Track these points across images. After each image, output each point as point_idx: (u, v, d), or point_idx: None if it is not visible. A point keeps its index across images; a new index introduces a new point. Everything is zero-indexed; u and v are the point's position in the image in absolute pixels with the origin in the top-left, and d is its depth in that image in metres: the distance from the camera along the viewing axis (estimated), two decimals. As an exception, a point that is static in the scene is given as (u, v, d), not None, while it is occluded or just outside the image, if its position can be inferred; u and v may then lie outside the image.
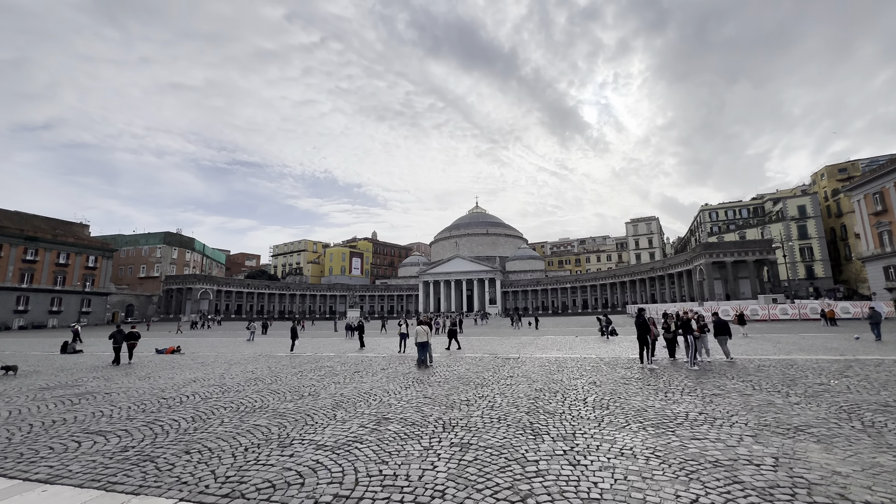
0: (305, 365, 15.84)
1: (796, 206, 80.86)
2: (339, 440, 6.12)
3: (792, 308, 46.82)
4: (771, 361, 13.74)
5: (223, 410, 8.33)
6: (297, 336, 22.14)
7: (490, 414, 7.54)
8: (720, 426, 6.50)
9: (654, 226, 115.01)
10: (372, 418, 7.40)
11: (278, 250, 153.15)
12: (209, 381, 12.31)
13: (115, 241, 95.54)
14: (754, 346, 19.08)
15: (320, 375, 12.98)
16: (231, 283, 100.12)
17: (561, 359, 15.92)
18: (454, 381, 11.36)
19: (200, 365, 16.72)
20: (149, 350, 24.54)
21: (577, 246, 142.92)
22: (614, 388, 9.75)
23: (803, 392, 8.86)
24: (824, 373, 11.25)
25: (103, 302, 79.56)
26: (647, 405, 7.99)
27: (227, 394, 10.19)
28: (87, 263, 77.12)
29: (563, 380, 11.14)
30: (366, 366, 15.17)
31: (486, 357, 17.19)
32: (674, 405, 7.94)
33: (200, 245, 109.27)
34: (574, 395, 9.16)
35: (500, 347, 21.78)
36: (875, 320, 20.53)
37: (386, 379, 12.00)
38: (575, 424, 6.76)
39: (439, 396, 9.25)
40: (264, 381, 11.93)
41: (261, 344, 28.48)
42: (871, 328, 20.77)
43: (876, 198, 54.91)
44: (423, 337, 14.53)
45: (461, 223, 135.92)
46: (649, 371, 12.38)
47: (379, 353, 19.85)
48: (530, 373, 12.54)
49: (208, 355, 20.94)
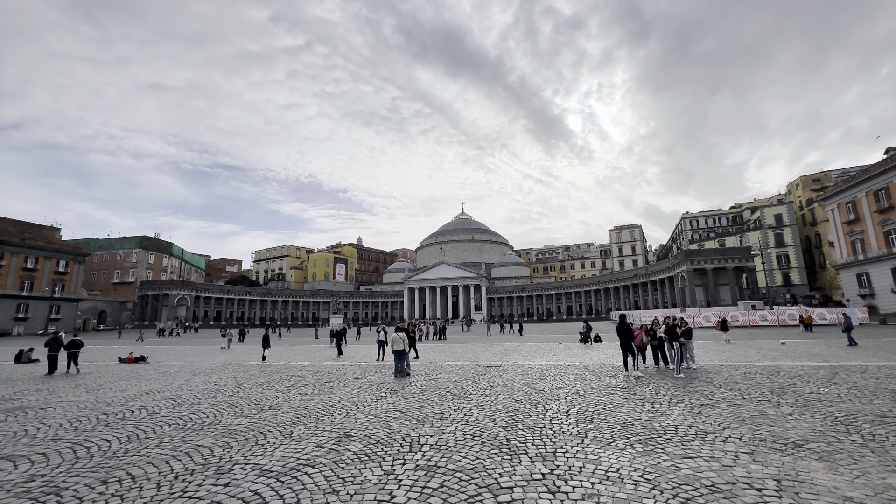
0: (275, 374, 14.89)
1: (773, 215, 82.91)
2: (288, 464, 5.35)
3: (771, 314, 47.49)
4: (757, 368, 13.40)
5: (167, 428, 7.44)
6: (268, 344, 21.07)
7: (464, 430, 6.85)
8: (713, 441, 5.95)
9: (636, 233, 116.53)
10: (332, 436, 6.63)
11: (260, 256, 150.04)
12: (164, 393, 11.30)
13: (88, 246, 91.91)
14: (738, 353, 18.85)
15: (288, 386, 12.09)
16: (210, 289, 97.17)
17: (544, 367, 15.34)
18: (430, 391, 10.64)
19: (161, 375, 15.59)
20: (112, 359, 23.14)
21: (561, 253, 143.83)
22: (598, 399, 9.18)
23: (794, 401, 8.43)
24: (812, 380, 10.92)
25: (74, 308, 76.10)
26: (634, 417, 7.42)
27: (178, 408, 9.25)
28: (58, 268, 73.78)
29: (545, 389, 10.53)
30: (339, 375, 14.32)
31: (468, 365, 16.51)
32: (662, 417, 7.39)
33: (179, 250, 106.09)
34: (556, 406, 8.54)
35: (482, 355, 21.12)
36: (847, 326, 20.83)
37: (357, 390, 11.20)
38: (556, 441, 6.12)
39: (411, 409, 8.52)
40: (225, 393, 11.00)
41: (235, 352, 27.20)
42: (845, 334, 21.03)
43: (849, 207, 56.42)
44: (399, 345, 13.77)
45: (447, 229, 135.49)
46: (634, 379, 11.88)
47: (356, 362, 18.98)
48: (511, 382, 11.90)
49: (174, 364, 19.72)
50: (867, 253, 52.54)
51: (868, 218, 52.24)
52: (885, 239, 49.67)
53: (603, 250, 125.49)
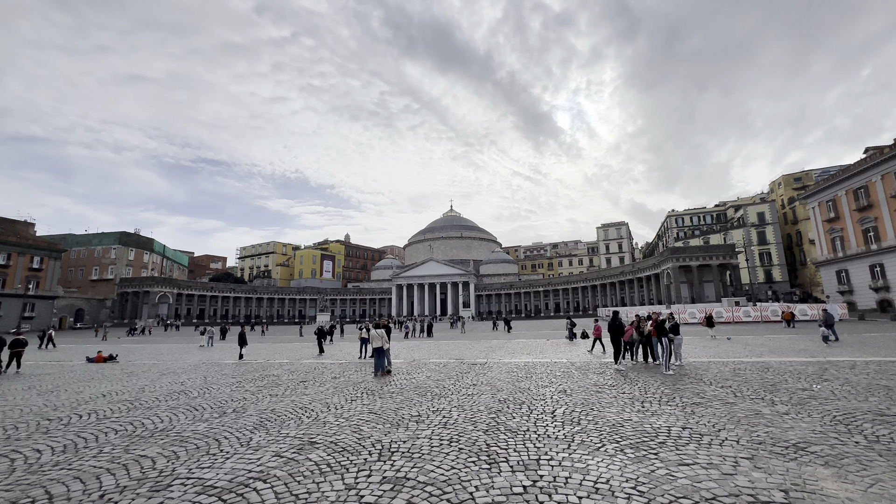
0: (249, 374, 14.13)
1: (756, 213, 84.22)
2: (236, 477, 4.71)
3: (754, 311, 48.08)
4: (745, 364, 13.14)
5: (112, 435, 6.71)
6: (245, 342, 20.21)
7: (441, 434, 6.28)
8: (709, 445, 5.49)
9: (623, 231, 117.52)
10: (295, 443, 6.00)
11: (245, 252, 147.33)
12: (122, 395, 10.49)
13: (64, 241, 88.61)
14: (725, 349, 18.69)
15: (259, 386, 11.38)
16: (193, 287, 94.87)
17: (530, 364, 14.88)
18: (410, 391, 10.05)
19: (127, 375, 14.70)
20: (81, 358, 22.02)
21: (549, 250, 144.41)
22: (586, 398, 8.71)
23: (789, 399, 8.07)
24: (803, 376, 10.64)
25: (49, 306, 73.35)
26: (624, 418, 6.94)
27: (132, 412, 8.49)
28: (32, 264, 70.92)
29: (530, 388, 10.03)
30: (317, 374, 13.63)
31: (452, 363, 15.96)
32: (653, 418, 6.93)
33: (160, 246, 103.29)
34: (541, 406, 8.03)
35: (468, 352, 20.61)
36: (828, 322, 20.72)
37: (333, 390, 10.55)
38: (540, 446, 5.59)
39: (387, 411, 7.92)
40: (189, 395, 10.25)
41: (214, 350, 26.22)
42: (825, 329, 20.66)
43: (829, 205, 57.41)
44: (378, 342, 13.14)
45: (435, 226, 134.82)
46: (622, 377, 11.47)
47: (337, 360, 18.29)
48: (496, 380, 11.39)
49: (144, 364, 18.77)
50: (846, 250, 53.55)
51: (848, 216, 53.21)
52: (864, 237, 50.65)
53: (590, 248, 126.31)
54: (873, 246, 48.78)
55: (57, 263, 75.56)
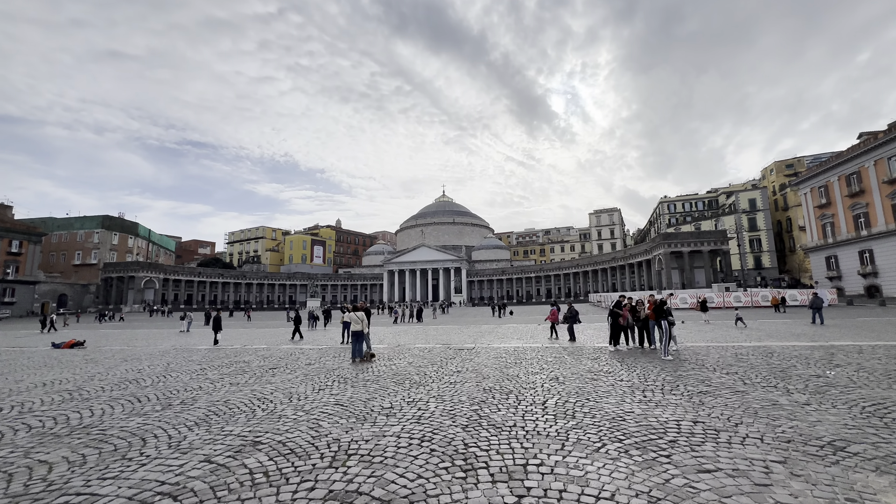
0: (218, 360, 13.09)
1: (747, 200, 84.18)
2: (141, 493, 3.70)
3: (745, 296, 47.99)
4: (746, 349, 12.42)
5: (23, 432, 5.64)
6: (219, 327, 19.13)
7: (412, 431, 5.32)
8: (728, 443, 4.61)
9: (615, 217, 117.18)
10: (236, 442, 5.01)
11: (234, 237, 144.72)
12: (65, 384, 9.40)
13: (44, 225, 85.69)
14: (722, 333, 18.05)
15: (223, 374, 10.35)
16: (181, 272, 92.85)
17: (520, 349, 14.04)
18: (387, 378, 9.10)
19: (86, 362, 13.57)
20: (47, 344, 20.77)
21: (542, 236, 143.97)
22: (581, 386, 7.83)
23: (805, 387, 7.26)
24: (812, 362, 9.89)
25: (30, 291, 71.18)
26: (625, 410, 6.06)
27: (66, 403, 7.43)
28: (10, 248, 68.46)
29: (519, 375, 9.13)
30: (291, 360, 12.64)
31: (437, 348, 15.07)
32: (658, 410, 6.05)
33: (145, 230, 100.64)
34: (531, 396, 7.12)
35: (456, 337, 19.76)
36: (816, 305, 20.93)
37: (303, 377, 9.57)
38: (528, 447, 4.66)
39: (355, 402, 6.96)
40: (141, 384, 9.19)
41: (192, 336, 25.09)
42: (812, 313, 21.13)
43: (821, 191, 57.17)
44: (357, 325, 12.14)
45: (427, 212, 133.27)
46: (618, 362, 10.65)
47: (317, 346, 17.31)
48: (482, 367, 10.49)
49: (112, 350, 17.61)
50: (837, 236, 53.53)
51: (839, 202, 53.02)
52: (854, 222, 50.57)
53: (582, 234, 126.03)
54: (863, 232, 48.73)
55: (37, 248, 73.19)
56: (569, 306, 16.57)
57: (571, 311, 16.09)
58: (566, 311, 16.33)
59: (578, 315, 16.45)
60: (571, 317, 15.93)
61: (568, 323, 15.91)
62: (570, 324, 15.84)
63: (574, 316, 15.98)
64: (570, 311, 16.10)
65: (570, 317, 15.94)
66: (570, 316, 15.95)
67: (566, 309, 16.50)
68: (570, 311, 16.15)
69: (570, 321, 15.88)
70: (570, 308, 16.33)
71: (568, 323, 15.91)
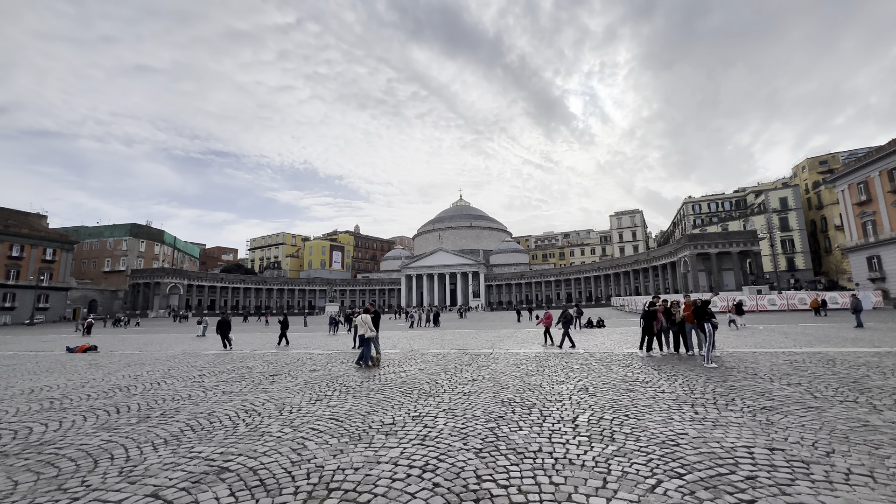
0: (220, 366, 12.43)
1: (778, 199, 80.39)
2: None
3: (780, 299, 45.31)
4: (801, 356, 10.97)
5: (-28, 450, 4.94)
6: (227, 332, 18.62)
7: (414, 456, 4.35)
8: (829, 482, 3.48)
9: (637, 219, 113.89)
10: (200, 467, 4.14)
11: (256, 244, 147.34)
12: (53, 391, 8.81)
13: (77, 234, 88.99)
14: (763, 338, 16.44)
15: (219, 381, 9.62)
16: (204, 278, 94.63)
17: (542, 355, 12.91)
18: (393, 388, 8.16)
19: (89, 367, 13.13)
20: (61, 348, 20.74)
21: (561, 239, 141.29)
22: (616, 399, 6.70)
23: (894, 402, 5.97)
24: (888, 371, 8.46)
25: (63, 297, 73.60)
26: (675, 431, 4.94)
27: (42, 413, 6.76)
28: (45, 256, 71.06)
29: (542, 385, 8.06)
30: (296, 366, 11.86)
31: (453, 353, 14.06)
32: (718, 431, 4.91)
33: (171, 238, 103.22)
34: (558, 411, 6.06)
35: (473, 342, 18.71)
36: (857, 308, 20.31)
37: (303, 385, 8.73)
38: (559, 481, 3.63)
39: (353, 416, 6.04)
40: (130, 391, 8.52)
41: (206, 340, 24.81)
42: (855, 317, 20.29)
43: (860, 188, 53.89)
44: (362, 329, 11.27)
45: (445, 216, 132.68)
46: (655, 369, 9.43)
47: (328, 350, 16.55)
48: (500, 375, 9.44)
49: (122, 354, 17.29)
50: (879, 235, 50.10)
51: (881, 198, 49.66)
52: (900, 219, 47.22)
53: (603, 237, 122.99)
54: (911, 229, 45.41)
55: (69, 255, 75.73)
56: (563, 311, 15.56)
57: (567, 316, 15.08)
58: (561, 315, 15.27)
59: (574, 319, 15.58)
60: (567, 321, 14.86)
61: (564, 328, 14.88)
62: (566, 329, 14.87)
63: (570, 320, 14.97)
64: (566, 316, 15.08)
65: (566, 321, 14.90)
66: (566, 321, 14.90)
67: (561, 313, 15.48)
68: (566, 315, 15.12)
69: (566, 326, 14.89)
70: (564, 313, 15.29)
71: (564, 328, 14.88)
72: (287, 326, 20.46)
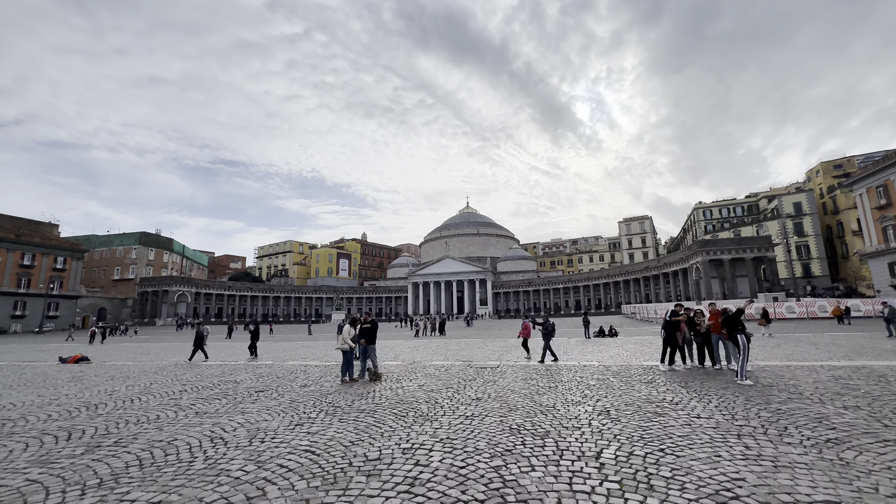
0: (207, 380, 11.57)
1: (792, 204, 78.49)
2: None
3: (799, 306, 43.62)
4: (843, 370, 9.82)
5: None
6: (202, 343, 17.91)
7: (398, 509, 3.43)
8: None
9: (647, 225, 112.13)
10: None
11: (263, 252, 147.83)
12: (15, 409, 7.98)
13: (87, 242, 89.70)
14: (793, 349, 15.22)
15: (198, 398, 8.75)
16: (212, 286, 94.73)
17: (553, 368, 11.87)
18: (386, 409, 7.22)
19: (70, 381, 12.35)
20: (53, 359, 20.11)
21: (569, 246, 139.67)
22: (643, 426, 5.69)
23: None
24: (956, 391, 7.34)
25: (72, 305, 73.80)
26: (728, 474, 3.95)
27: (-18, 440, 5.95)
28: (55, 265, 71.50)
29: (555, 406, 7.06)
30: (287, 380, 10.96)
31: (457, 366, 13.08)
32: (782, 475, 3.91)
33: (180, 246, 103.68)
34: (577, 443, 5.07)
35: (479, 352, 17.69)
36: (891, 317, 19.23)
37: (287, 404, 7.82)
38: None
39: (334, 448, 5.10)
40: (99, 410, 7.67)
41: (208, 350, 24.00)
42: (886, 326, 19.44)
43: (880, 191, 52.19)
44: (338, 343, 10.41)
45: (451, 223, 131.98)
46: (683, 388, 8.37)
47: (325, 361, 15.65)
48: (508, 392, 8.45)
49: (112, 365, 16.56)
50: (902, 240, 48.31)
51: (903, 201, 48.00)
52: (925, 223, 45.44)
53: (611, 243, 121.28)
54: (937, 233, 43.58)
55: (80, 264, 76.15)
56: (544, 320, 14.23)
57: (548, 327, 13.75)
58: (542, 325, 13.97)
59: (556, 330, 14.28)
60: (548, 332, 13.63)
61: (545, 340, 13.63)
62: (547, 341, 13.57)
63: (551, 332, 13.73)
64: (547, 327, 13.75)
65: (547, 332, 13.64)
66: (547, 332, 13.64)
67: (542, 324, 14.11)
68: (546, 326, 13.81)
69: (547, 338, 13.60)
70: (545, 323, 13.97)
71: (545, 340, 13.63)
72: (258, 337, 19.07)
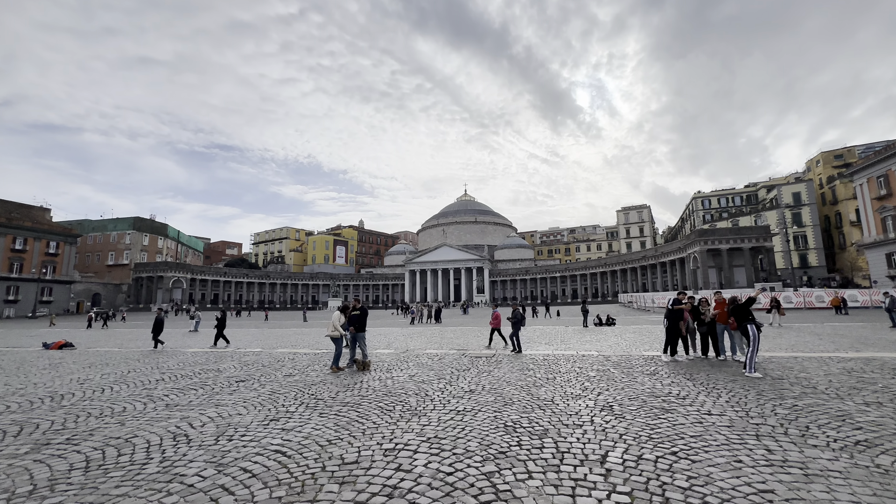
0: (188, 368, 11.06)
1: (791, 194, 78.05)
2: None
3: (796, 296, 43.45)
4: (853, 362, 9.39)
5: None
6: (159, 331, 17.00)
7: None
8: None
9: (645, 214, 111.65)
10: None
11: (259, 238, 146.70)
12: (-26, 400, 7.47)
13: (80, 227, 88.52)
14: (797, 339, 14.84)
15: (174, 388, 8.22)
16: (207, 272, 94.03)
17: (551, 358, 11.41)
18: (372, 402, 6.71)
19: (47, 367, 11.81)
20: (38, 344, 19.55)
21: (566, 235, 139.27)
22: (650, 424, 5.21)
23: None
24: (980, 386, 6.90)
25: (66, 290, 73.01)
26: (753, 483, 3.45)
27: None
28: (48, 249, 70.46)
29: (554, 399, 6.57)
30: (271, 370, 10.45)
31: (451, 354, 12.61)
32: (816, 486, 3.42)
33: (175, 231, 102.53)
34: (578, 443, 4.57)
35: (474, 341, 17.25)
36: (892, 307, 19.22)
37: (267, 396, 7.31)
38: None
39: (308, 447, 4.59)
40: (66, 400, 7.13)
41: (198, 336, 23.56)
42: (889, 316, 19.31)
43: (880, 181, 51.74)
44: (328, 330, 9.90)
45: (449, 211, 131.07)
46: (689, 380, 7.90)
47: (315, 349, 15.16)
48: (503, 384, 7.97)
49: (96, 352, 16.02)
50: (900, 230, 48.04)
51: (904, 191, 47.59)
52: (924, 214, 45.12)
53: (609, 232, 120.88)
54: (936, 224, 43.28)
55: (73, 249, 75.18)
56: (513, 309, 13.38)
57: (516, 316, 12.84)
58: (511, 314, 13.04)
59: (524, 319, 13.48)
60: (516, 322, 12.77)
61: (513, 329, 12.81)
62: (516, 330, 12.75)
63: (519, 321, 12.87)
64: (515, 316, 12.85)
65: (516, 322, 12.77)
66: (516, 321, 12.76)
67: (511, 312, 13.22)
68: (515, 314, 12.90)
69: (516, 327, 12.78)
70: (514, 311, 13.10)
71: (513, 329, 12.81)
72: (224, 326, 17.77)
